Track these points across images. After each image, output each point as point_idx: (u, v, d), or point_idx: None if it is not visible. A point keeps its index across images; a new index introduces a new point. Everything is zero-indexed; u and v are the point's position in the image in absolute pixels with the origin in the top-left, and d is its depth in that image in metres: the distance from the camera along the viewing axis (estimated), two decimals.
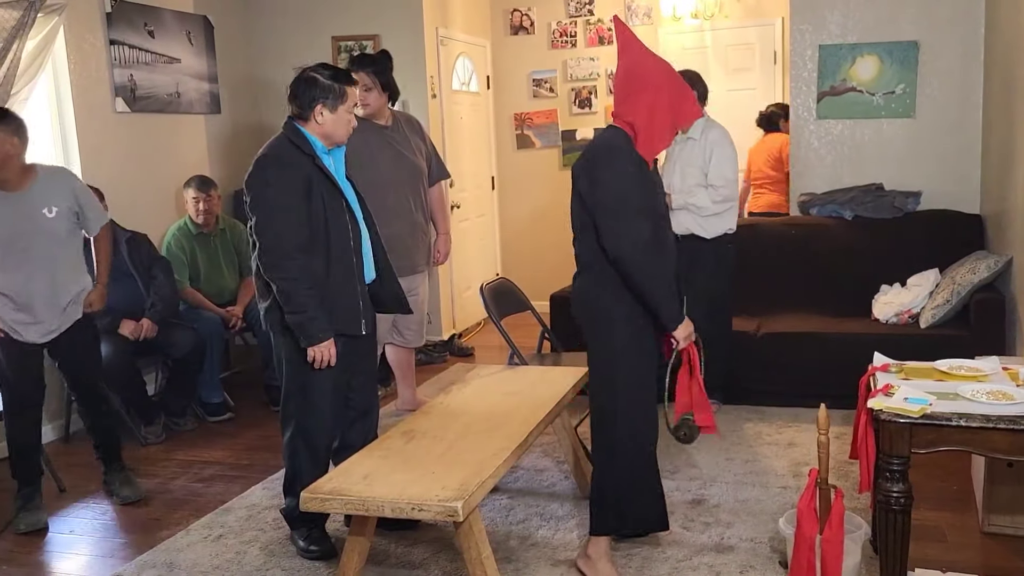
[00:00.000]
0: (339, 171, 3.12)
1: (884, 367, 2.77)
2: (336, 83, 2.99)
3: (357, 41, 6.15)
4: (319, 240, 2.97)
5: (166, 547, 3.33)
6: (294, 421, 3.13)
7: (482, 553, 2.59)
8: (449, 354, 6.13)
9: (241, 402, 5.04)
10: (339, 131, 3.04)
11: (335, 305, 3.02)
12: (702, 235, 4.30)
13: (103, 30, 4.99)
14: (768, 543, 3.11)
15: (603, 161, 2.76)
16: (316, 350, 2.97)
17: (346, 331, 3.06)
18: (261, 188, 2.95)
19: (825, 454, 2.70)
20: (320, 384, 3.07)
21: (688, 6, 6.72)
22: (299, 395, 3.10)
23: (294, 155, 2.97)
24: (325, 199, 2.97)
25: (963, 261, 4.56)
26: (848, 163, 5.29)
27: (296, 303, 2.93)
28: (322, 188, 2.98)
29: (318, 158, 3.00)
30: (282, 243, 2.93)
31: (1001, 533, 3.09)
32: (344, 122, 3.03)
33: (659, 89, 2.73)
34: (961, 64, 5.04)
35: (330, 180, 3.00)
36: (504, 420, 3.06)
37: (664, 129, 2.77)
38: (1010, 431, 2.30)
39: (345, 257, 3.02)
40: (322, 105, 2.98)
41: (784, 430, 4.24)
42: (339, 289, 3.02)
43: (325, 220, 2.97)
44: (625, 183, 2.72)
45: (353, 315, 3.07)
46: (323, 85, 2.98)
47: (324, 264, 2.99)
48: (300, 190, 2.94)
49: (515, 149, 7.36)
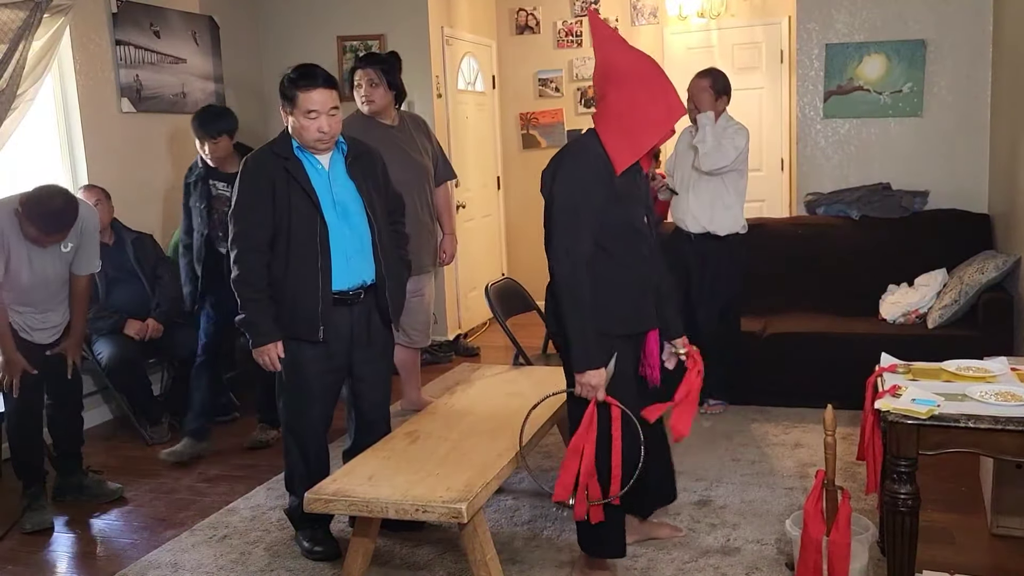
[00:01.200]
0: (334, 170, 3.02)
1: (891, 368, 2.75)
2: (292, 87, 2.92)
3: (363, 41, 6.15)
4: (280, 242, 2.94)
5: (171, 547, 3.33)
6: (284, 421, 3.17)
7: (487, 555, 2.58)
8: (455, 354, 6.12)
9: (246, 402, 5.03)
10: (302, 136, 2.94)
11: (294, 308, 2.96)
12: (716, 232, 4.32)
13: (109, 30, 4.99)
14: (775, 545, 3.09)
15: (561, 165, 2.64)
16: (259, 352, 2.97)
17: (303, 336, 2.98)
18: (235, 189, 3.02)
19: (832, 455, 2.68)
20: (300, 384, 3.06)
21: (694, 5, 6.70)
22: (286, 396, 3.11)
23: (266, 157, 2.99)
24: (291, 201, 2.92)
25: (971, 261, 4.53)
26: (855, 162, 5.27)
27: (240, 304, 2.98)
28: (288, 190, 2.93)
29: (293, 160, 2.96)
30: (237, 243, 2.96)
31: (1010, 535, 3.06)
32: (303, 127, 2.91)
33: (632, 87, 2.57)
34: (969, 63, 5.01)
35: (300, 183, 2.93)
36: (508, 421, 3.04)
37: (641, 130, 2.58)
38: (1019, 432, 2.27)
39: (308, 260, 2.94)
40: (283, 108, 2.98)
41: (791, 431, 4.22)
42: (297, 293, 2.95)
43: (288, 222, 2.92)
44: (576, 190, 2.57)
45: (311, 320, 2.96)
46: (282, 88, 2.96)
47: (283, 266, 2.95)
48: (262, 192, 2.93)
49: (521, 149, 7.36)
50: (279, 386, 3.13)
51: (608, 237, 2.64)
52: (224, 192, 4.10)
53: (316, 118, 2.90)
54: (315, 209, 2.95)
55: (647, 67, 2.61)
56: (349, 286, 3.03)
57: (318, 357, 3.02)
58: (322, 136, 2.94)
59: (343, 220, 3.00)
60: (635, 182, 2.71)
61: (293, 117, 2.94)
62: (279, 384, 3.13)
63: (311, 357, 3.02)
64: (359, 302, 3.07)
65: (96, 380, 4.78)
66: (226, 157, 4.14)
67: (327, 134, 2.94)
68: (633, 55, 2.64)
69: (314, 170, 3.00)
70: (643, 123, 2.59)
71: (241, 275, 2.95)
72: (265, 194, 2.94)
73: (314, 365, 3.03)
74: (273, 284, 2.96)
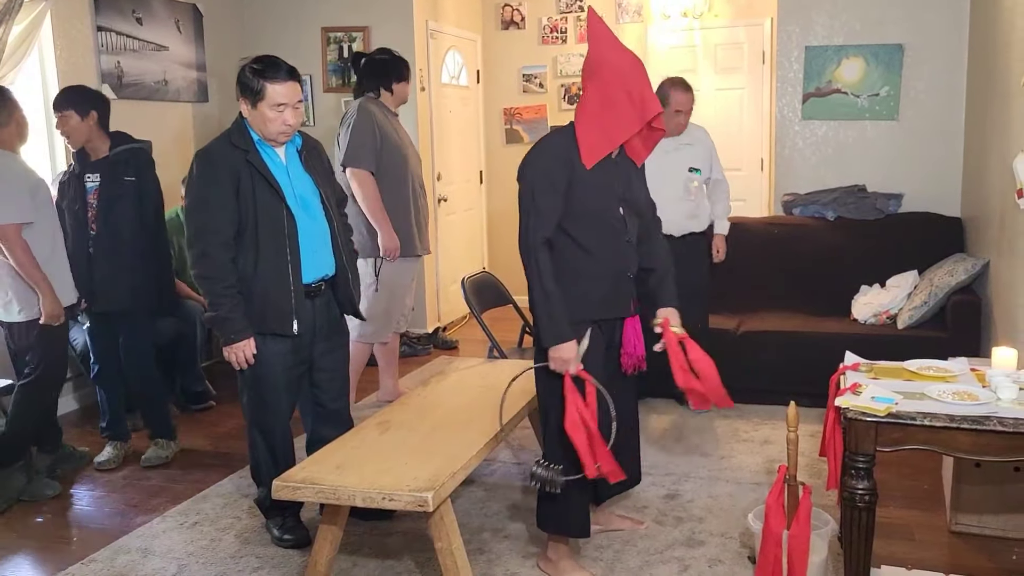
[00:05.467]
0: (291, 163, 3.02)
1: (854, 366, 2.80)
2: (257, 78, 2.86)
3: (347, 32, 6.16)
4: (247, 236, 2.90)
5: (141, 533, 3.34)
6: (248, 414, 3.14)
7: (452, 543, 2.61)
8: (433, 347, 6.15)
9: (223, 391, 5.04)
10: (266, 128, 2.90)
11: (264, 303, 2.94)
12: (696, 230, 4.45)
13: (90, 16, 4.98)
14: (738, 538, 3.14)
15: (528, 157, 2.73)
16: (231, 350, 2.94)
17: (276, 330, 2.97)
18: (190, 184, 2.94)
19: (794, 451, 2.73)
20: (270, 380, 3.03)
21: (678, 5, 6.74)
22: (251, 390, 3.07)
23: (225, 150, 2.91)
24: (256, 194, 2.89)
25: (942, 263, 4.60)
26: (832, 164, 5.33)
27: (210, 301, 2.92)
28: (254, 183, 2.89)
29: (253, 152, 2.92)
30: (202, 240, 2.89)
31: (968, 532, 3.12)
32: (269, 119, 2.88)
33: (608, 83, 2.61)
34: (945, 68, 5.07)
35: (264, 175, 2.91)
36: (479, 413, 3.08)
37: (613, 125, 2.62)
38: (973, 431, 2.33)
39: (278, 254, 2.92)
40: (244, 99, 2.91)
41: (760, 427, 4.27)
42: (269, 287, 2.93)
43: (255, 215, 2.89)
44: (537, 179, 2.66)
45: (283, 314, 2.95)
46: (243, 79, 2.90)
47: (252, 260, 2.91)
48: (225, 186, 2.87)
49: (504, 143, 7.39)
50: (242, 380, 3.08)
51: (577, 227, 2.70)
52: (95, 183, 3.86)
53: (283, 111, 2.88)
54: (280, 202, 2.93)
55: (627, 65, 2.65)
56: (314, 278, 3.04)
57: (286, 351, 3.02)
58: (286, 129, 2.92)
59: (305, 212, 3.00)
60: (611, 176, 2.75)
61: (257, 109, 2.89)
62: (242, 379, 3.07)
63: (279, 351, 3.01)
64: (320, 294, 3.08)
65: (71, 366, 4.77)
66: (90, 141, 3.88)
67: (292, 127, 2.93)
68: (617, 53, 2.67)
69: (273, 163, 2.97)
70: (615, 119, 2.64)
71: (209, 272, 2.89)
72: (228, 187, 2.88)
73: (282, 359, 3.02)
74: (241, 279, 2.92)
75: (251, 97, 2.89)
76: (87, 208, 3.86)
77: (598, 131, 2.66)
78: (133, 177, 3.87)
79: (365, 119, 4.19)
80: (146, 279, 3.93)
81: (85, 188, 3.88)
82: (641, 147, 2.81)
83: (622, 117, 2.63)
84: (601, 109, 2.65)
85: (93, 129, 3.86)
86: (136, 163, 3.89)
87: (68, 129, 3.84)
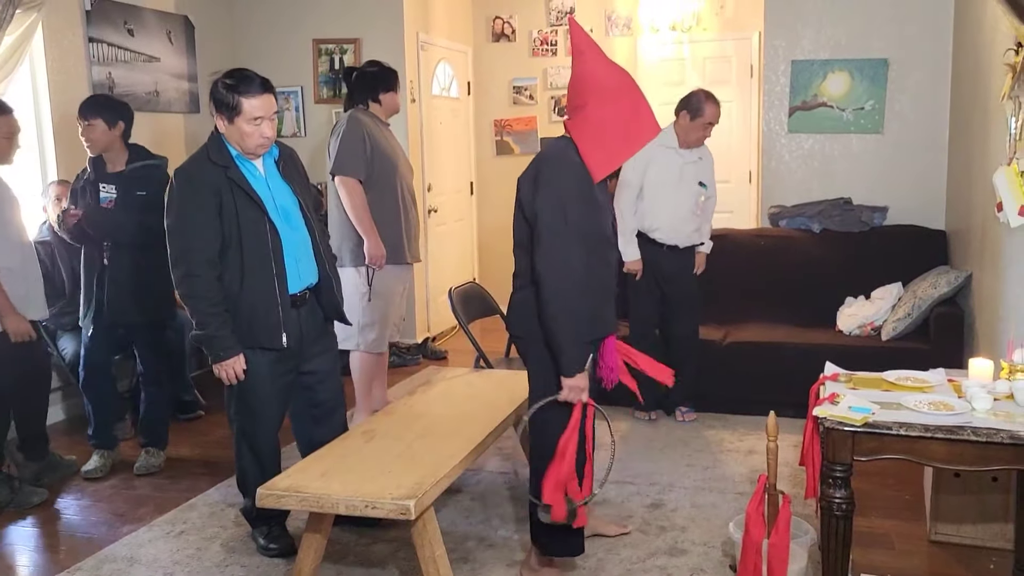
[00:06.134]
0: (270, 175, 3.02)
1: (834, 376, 2.83)
2: (232, 94, 2.85)
3: (338, 44, 6.21)
4: (231, 252, 2.90)
5: (127, 542, 3.36)
6: (236, 424, 3.14)
7: (435, 552, 2.63)
8: (422, 357, 6.17)
9: (212, 401, 5.05)
10: (244, 143, 2.90)
11: (251, 318, 2.94)
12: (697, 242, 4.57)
13: (82, 27, 5.02)
14: (720, 547, 3.17)
15: (548, 173, 2.67)
16: (221, 367, 2.94)
17: (266, 344, 2.97)
18: (169, 203, 2.93)
19: (774, 460, 2.76)
20: (260, 394, 3.05)
21: (666, 19, 6.81)
22: (239, 400, 3.08)
23: (204, 168, 2.91)
24: (238, 210, 2.89)
25: (925, 276, 4.64)
26: (818, 177, 5.38)
27: (198, 320, 2.91)
28: (235, 199, 2.89)
29: (233, 168, 2.91)
30: (186, 259, 2.88)
31: (947, 542, 3.16)
32: (246, 134, 2.87)
33: (615, 102, 2.62)
34: (929, 82, 5.14)
35: (244, 190, 2.91)
36: (464, 423, 3.11)
37: (616, 146, 2.63)
38: (948, 440, 2.36)
39: (263, 268, 2.92)
40: (219, 115, 2.90)
41: (745, 437, 4.30)
42: (255, 301, 2.93)
43: (238, 231, 2.89)
44: (564, 201, 2.62)
45: (272, 328, 2.96)
46: (217, 95, 2.89)
47: (238, 276, 2.91)
48: (207, 204, 2.87)
49: (495, 155, 7.44)
50: (230, 392, 3.08)
51: (586, 245, 2.70)
52: (111, 194, 3.92)
53: (260, 124, 2.88)
54: (263, 215, 2.94)
55: (629, 84, 2.67)
56: (298, 288, 3.06)
57: (274, 361, 3.04)
58: (264, 142, 2.92)
59: (286, 223, 3.01)
60: (604, 194, 2.80)
61: (233, 124, 2.88)
62: (230, 391, 3.07)
63: (266, 362, 3.02)
64: (305, 302, 3.10)
65: (59, 376, 4.79)
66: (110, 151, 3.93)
67: (269, 139, 2.93)
68: (616, 70, 2.69)
69: (253, 176, 2.98)
70: (622, 138, 2.64)
71: (196, 290, 2.88)
72: (210, 204, 2.88)
73: (270, 369, 3.03)
74: (227, 296, 2.92)
75: (227, 113, 2.88)
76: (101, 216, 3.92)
77: (604, 150, 2.65)
78: (145, 192, 3.90)
79: (355, 128, 4.23)
80: (160, 290, 3.99)
81: (99, 197, 3.92)
82: None
83: (630, 135, 2.64)
84: (607, 128, 2.64)
85: (116, 139, 3.92)
86: (150, 180, 3.91)
87: (93, 137, 3.88)
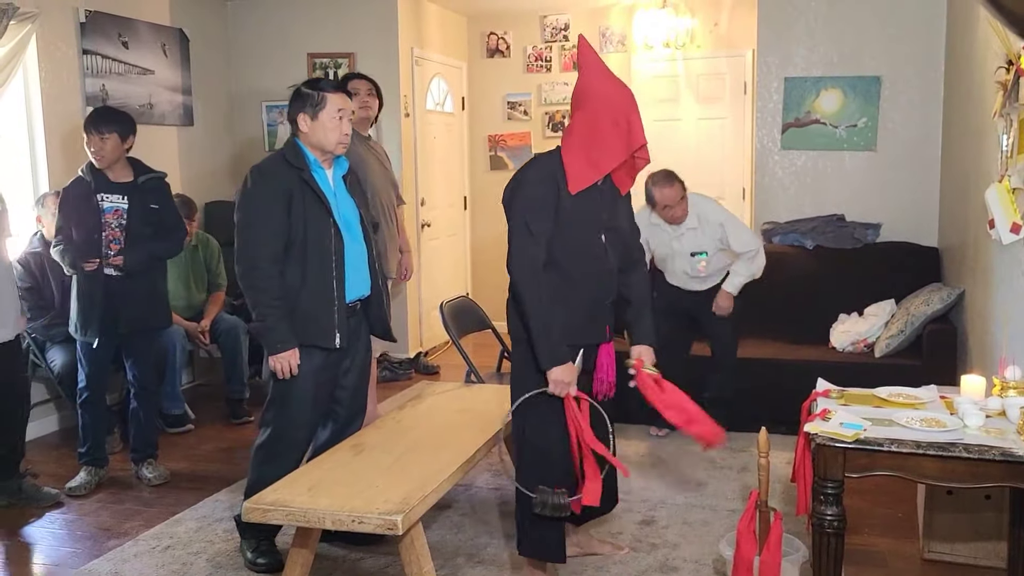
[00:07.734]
0: (337, 187, 3.13)
1: (825, 392, 2.82)
2: (315, 90, 3.03)
3: (333, 59, 6.21)
4: (296, 251, 2.99)
5: (112, 556, 3.31)
6: (271, 428, 3.13)
7: (423, 568, 2.60)
8: (414, 371, 6.15)
9: (202, 414, 5.03)
10: (327, 138, 3.03)
11: (308, 316, 3.02)
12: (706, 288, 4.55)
13: (76, 40, 5.01)
14: (712, 565, 3.14)
15: (518, 180, 2.76)
16: (277, 359, 3.00)
17: (319, 343, 3.05)
18: (242, 198, 3.03)
19: (765, 476, 2.74)
20: (301, 394, 3.08)
21: (660, 36, 6.83)
22: (279, 402, 3.11)
23: (280, 168, 3.02)
24: (307, 212, 2.99)
25: (918, 293, 4.64)
26: (811, 193, 5.39)
27: (259, 312, 2.98)
28: (305, 201, 2.99)
29: (307, 171, 3.02)
30: (252, 252, 2.97)
31: (940, 560, 3.13)
32: (329, 128, 3.01)
33: (596, 112, 2.64)
34: (922, 100, 5.16)
35: (316, 194, 3.01)
36: (454, 437, 3.09)
37: (600, 154, 2.66)
38: (939, 457, 2.34)
39: (324, 270, 3.01)
40: (303, 114, 3.03)
41: (739, 454, 4.28)
42: (314, 301, 3.02)
43: (304, 232, 2.98)
44: (529, 203, 2.68)
45: (327, 328, 3.04)
46: (303, 95, 3.04)
47: (300, 275, 3.00)
48: (278, 201, 2.96)
49: (488, 170, 7.44)
50: (273, 390, 3.12)
51: (559, 252, 2.73)
52: (120, 204, 3.88)
53: (343, 119, 3.03)
54: (329, 220, 3.03)
55: (615, 94, 2.68)
56: (353, 298, 3.14)
57: (323, 364, 3.09)
58: (345, 139, 3.06)
59: (348, 234, 3.10)
60: (595, 203, 2.77)
61: (317, 120, 3.00)
62: (274, 389, 3.11)
63: (313, 365, 3.06)
64: (355, 313, 3.18)
65: (48, 388, 4.75)
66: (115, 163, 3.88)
67: (348, 137, 3.08)
68: (606, 82, 2.70)
69: (324, 183, 3.08)
70: (602, 148, 2.67)
71: (258, 283, 2.96)
72: (281, 202, 2.97)
73: (315, 374, 3.07)
74: (288, 292, 3.00)
75: (311, 110, 3.01)
76: (102, 227, 3.85)
77: (584, 159, 2.69)
78: (157, 205, 3.95)
79: None
80: (164, 295, 4.09)
81: (102, 208, 3.86)
82: (626, 176, 2.83)
83: (608, 146, 2.67)
84: (588, 138, 2.68)
85: (124, 152, 3.93)
86: (160, 192, 3.99)
87: (105, 149, 3.83)
